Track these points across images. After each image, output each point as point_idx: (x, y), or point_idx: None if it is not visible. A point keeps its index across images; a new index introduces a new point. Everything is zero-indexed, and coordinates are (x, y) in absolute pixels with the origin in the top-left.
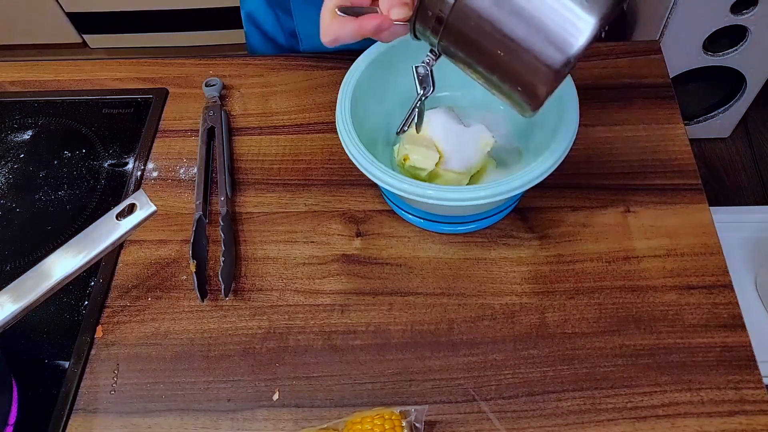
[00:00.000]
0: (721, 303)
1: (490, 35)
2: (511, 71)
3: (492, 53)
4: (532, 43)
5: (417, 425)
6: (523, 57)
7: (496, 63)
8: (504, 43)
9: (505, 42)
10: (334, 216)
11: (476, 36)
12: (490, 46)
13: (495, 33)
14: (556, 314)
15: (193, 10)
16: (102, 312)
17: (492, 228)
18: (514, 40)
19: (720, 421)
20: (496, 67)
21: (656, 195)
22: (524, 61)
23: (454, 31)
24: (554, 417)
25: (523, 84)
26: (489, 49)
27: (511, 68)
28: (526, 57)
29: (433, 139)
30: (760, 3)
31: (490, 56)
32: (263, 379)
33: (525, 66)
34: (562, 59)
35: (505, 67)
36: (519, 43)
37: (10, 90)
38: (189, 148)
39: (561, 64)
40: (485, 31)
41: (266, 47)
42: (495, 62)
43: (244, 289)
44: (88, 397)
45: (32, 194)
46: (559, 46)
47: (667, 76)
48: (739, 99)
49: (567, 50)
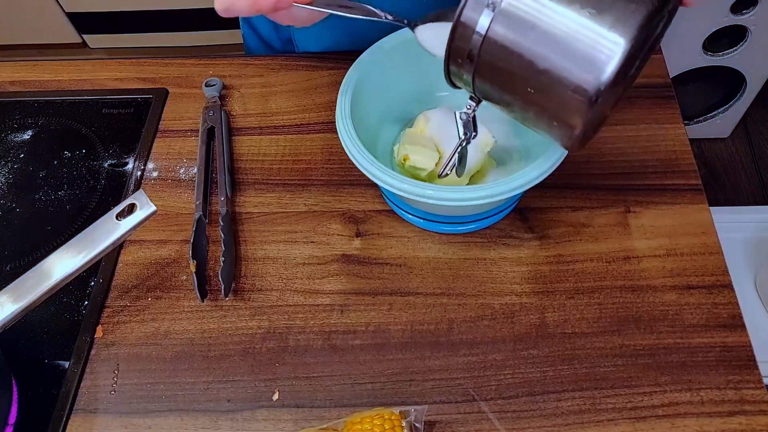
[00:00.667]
0: (721, 303)
1: (520, 68)
2: (545, 104)
3: (524, 87)
4: (560, 73)
5: (417, 425)
6: (553, 88)
7: (530, 97)
8: (534, 74)
9: (534, 74)
10: (334, 216)
11: (507, 70)
12: (522, 80)
13: (524, 65)
14: (556, 314)
15: (193, 10)
16: (102, 312)
17: (492, 228)
18: (543, 71)
19: (720, 421)
20: (530, 102)
21: (656, 195)
22: (555, 92)
23: (486, 69)
24: (554, 417)
25: (557, 118)
26: (521, 83)
27: (544, 101)
28: (556, 88)
29: (433, 139)
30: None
31: (523, 91)
32: (263, 379)
33: (556, 98)
34: (591, 89)
35: (538, 101)
36: (548, 73)
37: (10, 90)
38: (189, 148)
39: (591, 93)
40: (515, 64)
41: (263, 50)
42: (529, 97)
43: (244, 289)
44: (88, 397)
45: (32, 194)
46: (586, 75)
47: (667, 76)
48: (739, 99)
49: (596, 77)
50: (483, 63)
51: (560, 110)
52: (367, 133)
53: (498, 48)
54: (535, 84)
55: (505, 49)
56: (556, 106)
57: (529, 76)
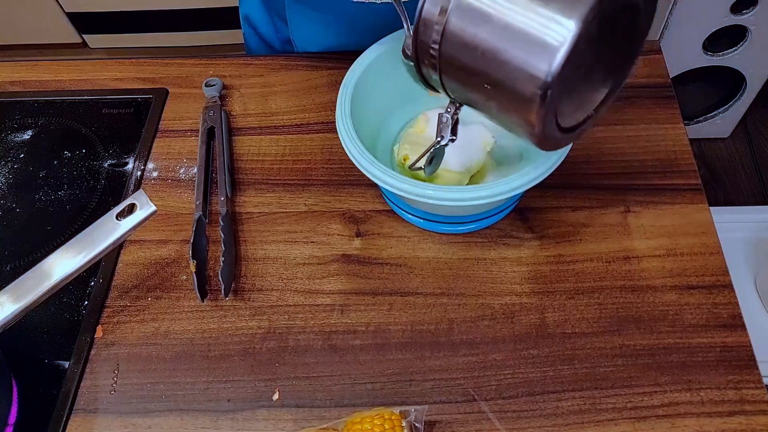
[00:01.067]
0: (721, 303)
1: (477, 62)
2: (503, 100)
3: (483, 82)
4: (512, 63)
5: (417, 425)
6: (507, 81)
7: (489, 93)
8: (490, 68)
9: (491, 67)
10: (334, 216)
11: (467, 66)
12: (480, 75)
13: (481, 58)
14: (556, 314)
15: (193, 10)
16: (102, 312)
17: (492, 228)
18: (498, 63)
19: (720, 421)
20: (491, 98)
21: (656, 195)
22: (509, 85)
23: (448, 66)
24: (554, 417)
25: (516, 113)
26: (480, 78)
27: (501, 96)
28: (510, 80)
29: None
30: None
31: (481, 86)
32: (263, 379)
33: (512, 91)
34: (542, 75)
35: (496, 96)
36: (502, 65)
37: (10, 90)
38: (189, 148)
39: (542, 80)
40: (472, 58)
41: (263, 49)
42: (488, 92)
43: (244, 289)
44: (88, 397)
45: (32, 194)
46: (537, 62)
47: (667, 76)
48: (739, 99)
49: (548, 63)
50: (445, 59)
51: (516, 104)
52: (367, 133)
53: (456, 43)
54: (492, 78)
55: (463, 43)
56: (513, 100)
57: (486, 69)
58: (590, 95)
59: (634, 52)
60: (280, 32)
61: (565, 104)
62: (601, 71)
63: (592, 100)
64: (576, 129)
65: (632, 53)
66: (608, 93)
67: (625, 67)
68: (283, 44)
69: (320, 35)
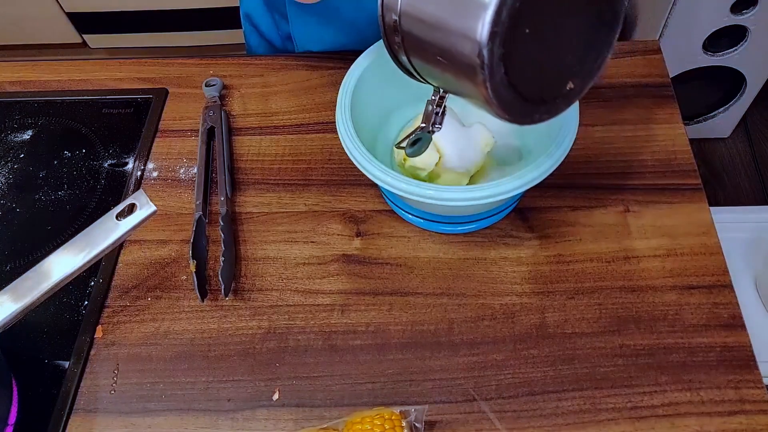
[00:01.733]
0: (721, 303)
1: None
2: (454, 71)
3: (436, 55)
4: (452, 27)
5: (417, 425)
6: (453, 50)
7: (444, 66)
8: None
9: (439, 36)
10: (334, 216)
11: (422, 40)
12: (433, 48)
13: (429, 31)
14: (556, 314)
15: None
16: (102, 312)
17: (492, 228)
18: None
19: (720, 421)
20: (446, 70)
21: (656, 195)
22: (455, 52)
23: (410, 43)
24: (554, 417)
25: (468, 83)
26: (434, 50)
27: (452, 67)
28: (454, 46)
29: (433, 139)
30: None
31: (436, 60)
32: (263, 379)
33: (458, 59)
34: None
35: (449, 69)
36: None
37: (10, 90)
38: (189, 148)
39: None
40: (424, 32)
41: (263, 48)
42: (443, 66)
43: (244, 289)
44: (88, 397)
45: (32, 194)
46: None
47: (667, 76)
48: (739, 99)
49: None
50: (406, 39)
51: (464, 72)
52: (367, 133)
53: (411, 18)
54: (441, 48)
55: (416, 18)
56: (461, 68)
57: (436, 40)
58: (554, 67)
59: (609, 33)
60: (280, 29)
61: (517, 70)
62: (565, 45)
63: (561, 74)
64: (550, 102)
65: (607, 34)
66: (586, 70)
67: (602, 48)
68: (283, 41)
69: (321, 34)
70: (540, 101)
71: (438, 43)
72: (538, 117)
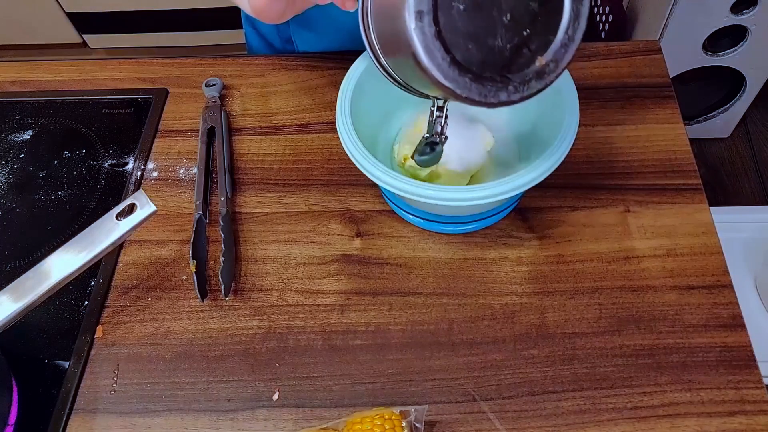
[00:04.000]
0: (721, 303)
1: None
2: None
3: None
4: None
5: (417, 425)
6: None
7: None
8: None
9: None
10: (334, 216)
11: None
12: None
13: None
14: (556, 314)
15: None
16: (102, 312)
17: (492, 228)
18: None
19: (720, 421)
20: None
21: (656, 195)
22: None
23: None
24: (554, 417)
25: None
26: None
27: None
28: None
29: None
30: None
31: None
32: (263, 379)
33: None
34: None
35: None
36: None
37: (10, 90)
38: (189, 148)
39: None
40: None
41: (264, 49)
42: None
43: (244, 289)
44: (88, 397)
45: (32, 194)
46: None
47: (667, 76)
48: (739, 99)
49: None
50: (373, 33)
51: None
52: (367, 133)
53: (372, 13)
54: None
55: (374, 12)
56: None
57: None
58: (507, 41)
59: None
60: (281, 32)
61: (458, 46)
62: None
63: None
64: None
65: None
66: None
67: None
68: (284, 43)
69: (321, 38)
70: (502, 80)
71: (388, 31)
72: (506, 97)
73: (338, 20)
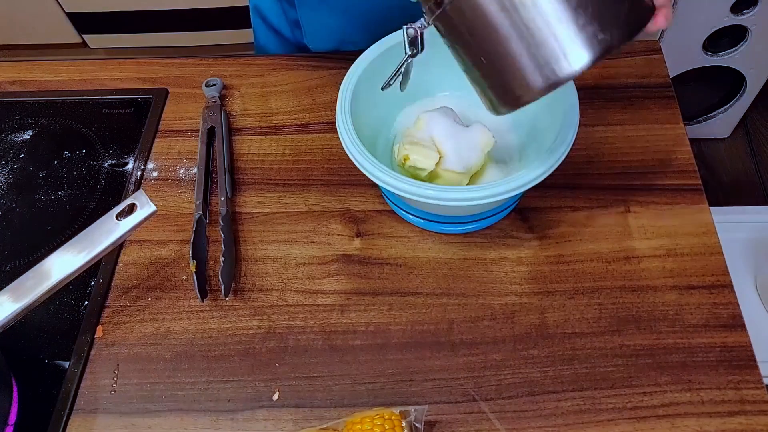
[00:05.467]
0: (721, 303)
1: (485, 37)
2: (495, 74)
3: (480, 53)
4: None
5: (417, 425)
6: (509, 67)
7: (479, 64)
8: (496, 48)
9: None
10: (334, 216)
11: (470, 32)
12: (482, 46)
13: (488, 35)
14: (556, 314)
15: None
16: (102, 312)
17: (492, 228)
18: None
19: (720, 421)
20: (477, 67)
21: (656, 195)
22: (510, 71)
23: (449, 20)
24: (554, 417)
25: (503, 88)
26: (479, 48)
27: (496, 71)
28: (513, 68)
29: (433, 139)
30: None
31: (478, 54)
32: (263, 379)
33: (510, 75)
34: (544, 85)
35: (484, 71)
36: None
37: (10, 90)
38: (189, 148)
39: (542, 88)
40: (480, 30)
41: (272, 41)
42: (481, 62)
43: (244, 289)
44: (88, 397)
45: (32, 194)
46: (545, 72)
47: (667, 76)
48: (739, 99)
49: (546, 79)
50: (449, 13)
51: (509, 84)
52: (367, 133)
53: (469, 7)
54: (492, 55)
55: (478, 12)
56: (507, 80)
57: (491, 46)
58: None
59: None
60: (289, 16)
61: None
62: None
63: None
64: None
65: None
66: None
67: None
68: (292, 29)
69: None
70: None
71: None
72: None
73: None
